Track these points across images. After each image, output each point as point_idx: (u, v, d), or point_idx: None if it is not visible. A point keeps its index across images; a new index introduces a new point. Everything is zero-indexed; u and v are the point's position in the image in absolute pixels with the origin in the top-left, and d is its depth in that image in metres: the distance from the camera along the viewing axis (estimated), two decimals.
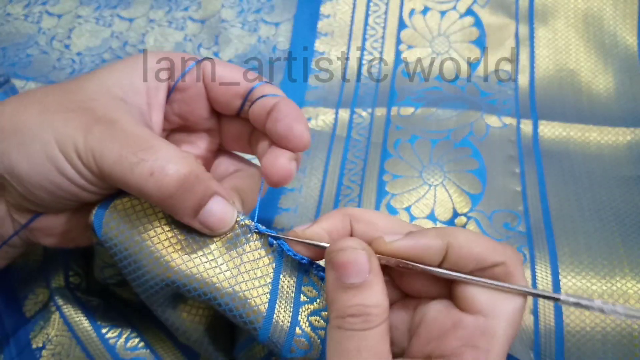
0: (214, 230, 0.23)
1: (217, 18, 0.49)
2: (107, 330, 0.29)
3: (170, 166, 0.22)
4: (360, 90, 0.45)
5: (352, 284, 0.21)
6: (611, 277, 0.32)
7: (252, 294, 0.23)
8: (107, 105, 0.23)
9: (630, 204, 0.36)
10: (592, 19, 0.46)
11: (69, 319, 0.29)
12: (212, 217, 0.23)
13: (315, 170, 0.40)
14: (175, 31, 0.48)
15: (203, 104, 0.28)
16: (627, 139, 0.40)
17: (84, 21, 0.49)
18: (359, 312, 0.21)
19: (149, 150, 0.22)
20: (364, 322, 0.21)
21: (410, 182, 0.38)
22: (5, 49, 0.47)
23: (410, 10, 0.48)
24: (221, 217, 0.23)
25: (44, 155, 0.22)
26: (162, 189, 0.22)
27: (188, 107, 0.28)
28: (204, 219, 0.23)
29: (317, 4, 0.49)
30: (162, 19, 0.49)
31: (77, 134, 0.22)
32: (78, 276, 0.32)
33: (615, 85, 0.44)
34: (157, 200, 0.22)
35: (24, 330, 0.30)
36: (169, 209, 0.23)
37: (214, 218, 0.23)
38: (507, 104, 0.43)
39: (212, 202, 0.23)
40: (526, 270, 0.33)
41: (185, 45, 0.48)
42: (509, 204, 0.37)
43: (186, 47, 0.47)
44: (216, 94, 0.28)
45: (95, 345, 0.29)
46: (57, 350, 0.29)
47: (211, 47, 0.47)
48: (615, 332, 0.31)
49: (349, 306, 0.21)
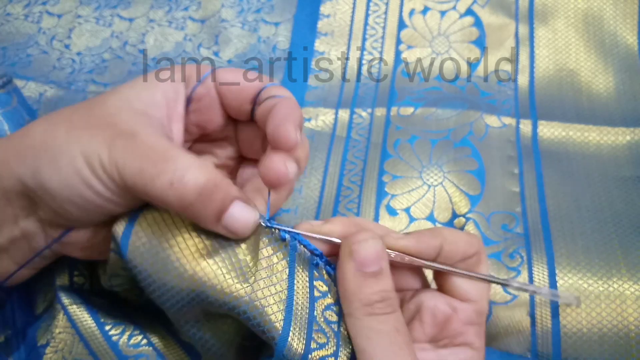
0: (238, 234, 0.24)
1: (217, 18, 0.48)
2: (110, 327, 0.29)
3: (189, 176, 0.22)
4: (360, 90, 0.45)
5: (373, 273, 0.23)
6: (608, 278, 0.33)
7: (269, 301, 0.23)
8: (129, 119, 0.24)
9: (628, 204, 0.36)
10: (592, 19, 0.46)
11: (72, 316, 0.29)
12: (235, 222, 0.23)
13: (315, 171, 0.40)
14: (175, 31, 0.48)
15: (218, 112, 0.29)
16: (627, 139, 0.40)
17: (84, 21, 0.49)
18: (383, 297, 0.23)
19: (168, 161, 0.22)
20: (389, 305, 0.23)
21: (410, 183, 0.38)
22: (5, 49, 0.47)
23: (410, 10, 0.48)
24: (244, 221, 0.24)
25: (72, 170, 0.23)
26: (182, 198, 0.22)
27: (204, 116, 0.29)
28: (227, 223, 0.23)
29: (317, 3, 0.49)
30: (162, 19, 0.49)
31: (102, 148, 0.23)
32: (82, 277, 0.32)
33: (615, 85, 0.44)
34: (179, 209, 0.23)
35: (32, 328, 0.31)
36: (192, 217, 0.23)
37: (237, 223, 0.23)
38: (506, 104, 0.43)
39: (233, 207, 0.23)
40: (523, 271, 0.33)
41: (185, 45, 0.48)
42: (507, 205, 0.37)
43: (186, 46, 0.47)
44: (228, 100, 0.28)
45: (98, 342, 0.29)
46: (60, 346, 0.30)
47: (211, 46, 0.47)
48: (612, 333, 0.31)
49: (374, 293, 0.23)
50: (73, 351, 0.29)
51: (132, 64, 0.47)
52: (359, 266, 0.23)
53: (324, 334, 0.24)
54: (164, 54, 0.47)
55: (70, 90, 0.45)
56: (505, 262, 0.34)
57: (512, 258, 0.34)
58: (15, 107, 0.35)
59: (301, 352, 0.23)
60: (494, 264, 0.34)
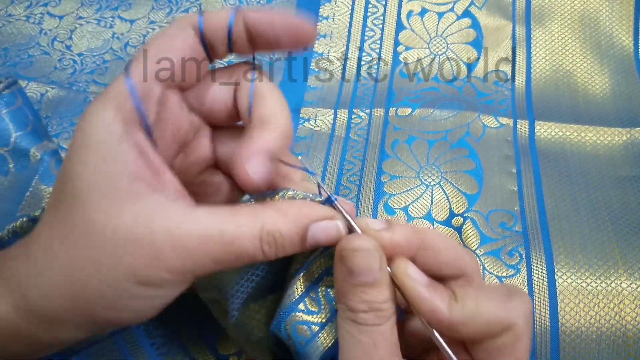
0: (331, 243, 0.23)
1: None
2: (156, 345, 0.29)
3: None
4: (358, 90, 0.45)
5: (362, 282, 0.21)
6: (606, 277, 0.33)
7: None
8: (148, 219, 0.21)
9: (625, 204, 0.36)
10: (589, 20, 0.46)
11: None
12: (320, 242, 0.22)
13: (314, 171, 0.40)
14: None
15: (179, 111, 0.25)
16: (623, 139, 0.40)
17: (85, 22, 0.50)
18: (371, 308, 0.21)
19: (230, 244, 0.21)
20: (376, 317, 0.21)
21: (408, 183, 0.38)
22: (7, 50, 0.48)
23: (408, 11, 0.48)
24: (326, 237, 0.22)
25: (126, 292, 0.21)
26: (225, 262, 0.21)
27: (170, 120, 0.25)
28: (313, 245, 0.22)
29: (316, 5, 0.49)
30: (163, 21, 0.49)
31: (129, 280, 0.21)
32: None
33: (611, 86, 0.44)
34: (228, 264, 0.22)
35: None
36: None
37: (322, 242, 0.22)
38: (503, 104, 0.43)
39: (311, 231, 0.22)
40: (522, 269, 0.33)
41: None
42: (505, 203, 0.37)
43: None
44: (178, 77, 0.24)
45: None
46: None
47: None
48: (609, 332, 0.31)
49: (360, 302, 0.21)
50: None
51: None
52: (348, 273, 0.22)
53: (318, 304, 0.24)
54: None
55: (71, 90, 0.45)
56: (504, 259, 0.34)
57: (511, 256, 0.34)
58: (19, 107, 0.35)
59: (290, 302, 0.23)
60: (493, 261, 0.34)
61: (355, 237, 0.22)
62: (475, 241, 0.35)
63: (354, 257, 0.21)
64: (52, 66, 0.47)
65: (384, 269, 0.22)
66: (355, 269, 0.21)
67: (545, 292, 0.32)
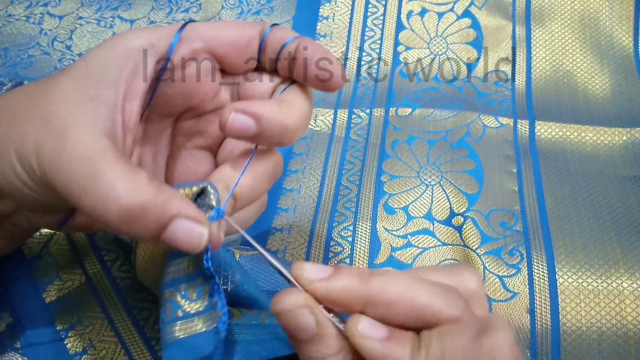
0: (186, 250, 0.21)
1: (217, 19, 0.49)
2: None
3: (111, 200, 0.20)
4: (358, 90, 0.45)
5: (300, 339, 0.20)
6: (607, 276, 0.33)
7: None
8: (69, 110, 0.22)
9: (626, 203, 0.36)
10: (589, 20, 0.47)
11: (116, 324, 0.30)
12: (176, 240, 0.21)
13: (314, 171, 0.40)
14: None
15: (208, 77, 0.26)
16: (623, 139, 0.40)
17: (85, 22, 0.50)
18: (318, 356, 0.20)
19: (92, 179, 0.20)
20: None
21: (408, 183, 0.38)
22: (7, 50, 0.48)
23: (408, 11, 0.48)
24: (186, 240, 0.21)
25: (11, 171, 0.22)
26: (107, 222, 0.20)
27: (191, 85, 0.25)
28: (168, 242, 0.21)
29: (316, 5, 0.49)
30: (163, 21, 0.49)
31: (31, 154, 0.21)
32: (114, 253, 0.33)
33: (611, 86, 0.44)
34: (111, 228, 0.21)
35: (41, 314, 0.31)
36: (127, 234, 0.22)
37: (179, 241, 0.21)
38: (503, 104, 0.43)
39: (174, 225, 0.21)
40: (523, 268, 0.33)
41: None
42: (505, 203, 0.37)
43: None
44: (229, 58, 0.25)
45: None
46: (102, 354, 0.29)
47: None
48: (610, 332, 0.31)
49: (308, 352, 0.20)
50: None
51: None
52: (287, 332, 0.21)
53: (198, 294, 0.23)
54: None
55: None
56: (505, 259, 0.34)
57: (512, 255, 0.34)
58: None
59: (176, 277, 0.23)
60: (494, 261, 0.34)
61: (282, 294, 0.20)
62: (476, 241, 0.35)
63: (282, 317, 0.20)
64: (52, 66, 0.47)
65: (322, 323, 0.20)
66: (287, 329, 0.20)
67: (546, 291, 0.32)
